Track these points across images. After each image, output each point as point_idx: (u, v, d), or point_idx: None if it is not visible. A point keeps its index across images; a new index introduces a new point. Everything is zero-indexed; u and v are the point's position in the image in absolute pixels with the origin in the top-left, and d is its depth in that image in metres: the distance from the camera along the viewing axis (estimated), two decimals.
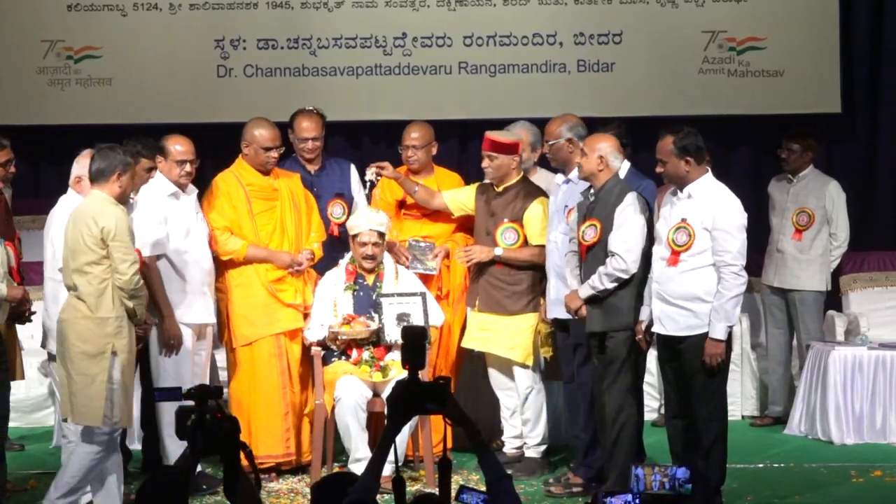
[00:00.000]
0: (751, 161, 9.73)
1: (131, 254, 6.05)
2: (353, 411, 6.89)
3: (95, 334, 6.00)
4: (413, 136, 7.61)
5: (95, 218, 5.99)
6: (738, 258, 6.18)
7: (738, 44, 9.55)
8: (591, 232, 6.47)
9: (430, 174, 7.71)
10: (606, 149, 6.49)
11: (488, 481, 3.83)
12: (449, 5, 9.53)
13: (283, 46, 9.48)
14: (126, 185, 6.14)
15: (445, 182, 7.72)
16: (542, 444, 7.28)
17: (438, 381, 3.81)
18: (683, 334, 6.22)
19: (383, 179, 7.66)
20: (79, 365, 6.00)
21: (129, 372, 6.15)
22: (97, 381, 5.98)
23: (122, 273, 6.00)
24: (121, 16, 9.46)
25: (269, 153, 7.29)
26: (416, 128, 7.67)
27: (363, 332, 7.10)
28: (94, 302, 6.00)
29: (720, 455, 6.29)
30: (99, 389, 5.99)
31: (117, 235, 5.97)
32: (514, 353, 7.21)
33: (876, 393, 8.08)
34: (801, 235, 8.45)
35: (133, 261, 6.05)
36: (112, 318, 6.02)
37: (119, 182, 6.08)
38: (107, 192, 6.07)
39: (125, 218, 6.07)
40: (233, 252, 7.21)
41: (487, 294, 7.24)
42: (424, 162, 7.65)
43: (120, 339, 6.03)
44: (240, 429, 3.75)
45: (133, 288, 6.04)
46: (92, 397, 5.99)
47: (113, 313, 6.02)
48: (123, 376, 6.05)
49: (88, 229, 5.98)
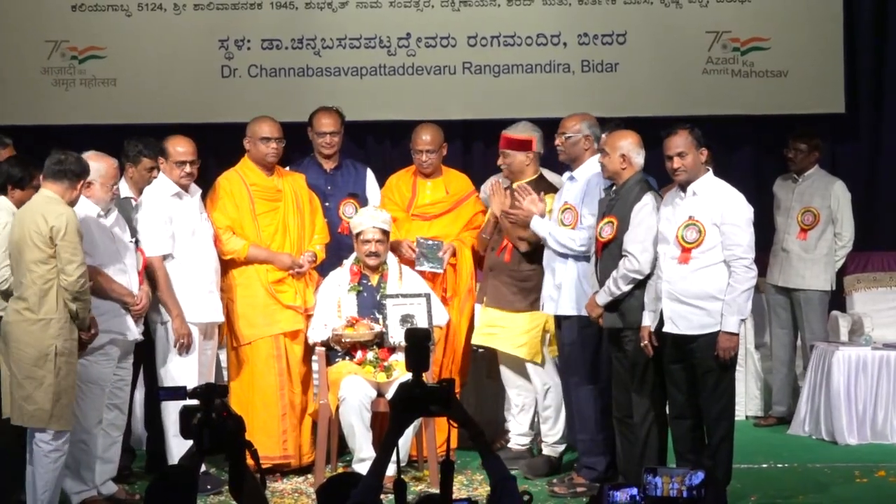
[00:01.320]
0: (754, 161, 9.72)
1: (79, 255, 5.98)
2: (357, 411, 6.90)
3: (38, 337, 5.95)
4: (425, 140, 7.61)
5: (45, 216, 5.94)
6: (748, 251, 6.20)
7: (742, 44, 9.54)
8: (608, 229, 6.48)
9: (438, 175, 7.72)
10: (628, 146, 6.50)
11: (493, 482, 3.83)
12: (453, 6, 9.53)
13: (287, 47, 9.48)
14: (78, 190, 6.11)
15: (453, 183, 7.73)
16: (560, 442, 7.27)
17: (442, 384, 3.81)
18: (696, 333, 6.22)
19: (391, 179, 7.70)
20: (24, 368, 5.96)
21: (73, 374, 6.06)
22: (44, 383, 5.94)
23: (68, 274, 5.94)
24: (125, 16, 9.45)
25: (268, 144, 7.29)
26: (428, 131, 7.67)
27: (367, 334, 7.10)
28: (36, 302, 5.95)
29: (727, 455, 6.30)
30: (46, 392, 5.94)
31: (66, 235, 5.92)
32: (522, 351, 7.22)
33: (879, 393, 8.09)
34: (807, 235, 8.45)
35: (80, 262, 5.98)
36: (55, 320, 5.97)
37: (71, 186, 6.06)
38: (58, 193, 6.02)
39: (75, 219, 6.01)
40: (234, 252, 7.22)
41: (496, 289, 7.26)
42: (437, 165, 7.67)
43: (62, 341, 5.98)
44: (245, 428, 3.75)
45: (78, 290, 5.97)
46: (39, 400, 5.95)
47: (56, 314, 5.97)
48: (68, 378, 5.99)
49: (37, 227, 5.93)
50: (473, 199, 7.74)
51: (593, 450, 6.84)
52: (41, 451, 6.02)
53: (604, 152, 6.56)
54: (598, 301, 6.49)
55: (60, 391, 5.98)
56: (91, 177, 6.38)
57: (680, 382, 6.35)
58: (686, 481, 3.86)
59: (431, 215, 7.64)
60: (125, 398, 6.76)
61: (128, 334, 6.61)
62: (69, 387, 6.05)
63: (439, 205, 7.67)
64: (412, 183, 7.72)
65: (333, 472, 7.02)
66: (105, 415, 6.62)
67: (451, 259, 7.52)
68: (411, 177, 7.74)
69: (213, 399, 3.70)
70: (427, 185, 7.70)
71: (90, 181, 6.45)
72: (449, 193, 7.68)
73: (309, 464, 7.26)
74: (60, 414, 6.00)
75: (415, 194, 7.68)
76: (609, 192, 6.60)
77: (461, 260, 7.53)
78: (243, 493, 3.73)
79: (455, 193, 7.69)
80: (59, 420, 6.00)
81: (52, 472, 6.04)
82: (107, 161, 6.56)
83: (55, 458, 6.04)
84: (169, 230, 6.93)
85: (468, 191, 7.75)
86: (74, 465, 6.46)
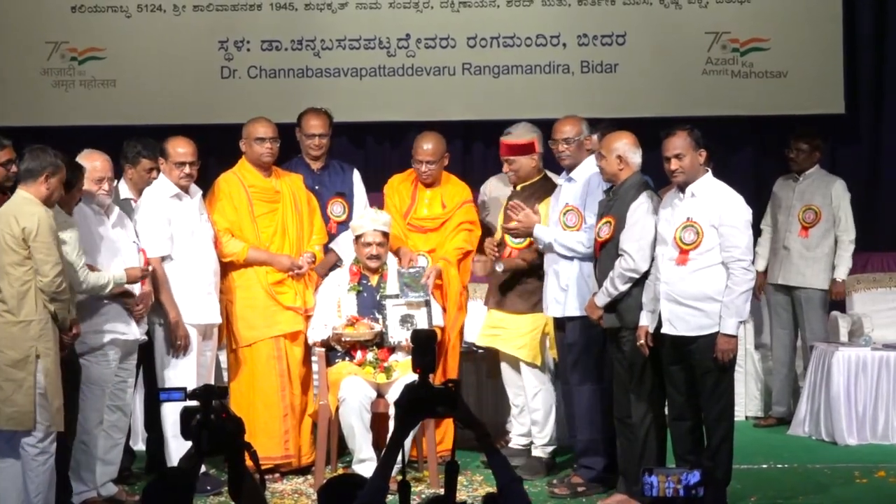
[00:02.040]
0: (754, 162, 9.73)
1: (53, 255, 5.90)
2: (357, 412, 6.89)
3: (19, 339, 5.89)
4: (426, 150, 7.51)
5: (17, 217, 5.88)
6: (746, 253, 6.19)
7: (742, 45, 9.55)
8: (605, 229, 6.49)
9: (438, 185, 7.65)
10: (624, 147, 6.49)
11: (499, 484, 3.82)
12: (452, 6, 9.53)
13: (286, 48, 9.49)
14: (54, 187, 6.00)
15: (449, 194, 7.61)
16: (549, 444, 7.28)
17: (448, 384, 3.80)
18: (694, 334, 6.21)
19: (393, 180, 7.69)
20: (4, 371, 5.89)
21: (57, 376, 5.98)
22: (24, 386, 5.87)
23: (43, 275, 5.88)
24: (125, 17, 9.46)
25: (263, 144, 7.28)
26: (430, 140, 7.56)
27: (367, 333, 7.11)
28: (15, 304, 5.89)
29: (727, 455, 6.30)
30: (27, 395, 5.87)
31: (39, 236, 5.86)
32: (523, 353, 7.22)
33: (879, 394, 8.08)
34: (808, 233, 8.45)
35: (55, 262, 5.90)
36: (35, 322, 5.90)
37: (47, 184, 5.96)
38: (32, 193, 5.95)
39: (48, 219, 5.92)
40: (233, 254, 7.21)
41: (498, 292, 7.26)
42: (437, 176, 7.60)
43: (44, 343, 5.91)
44: (244, 429, 3.75)
45: (55, 290, 5.90)
46: (21, 403, 5.88)
47: (36, 316, 5.91)
48: (51, 379, 5.92)
49: (10, 229, 5.88)
50: (466, 209, 7.64)
51: (593, 450, 6.84)
52: (28, 454, 5.94)
53: (600, 155, 6.55)
54: (598, 302, 6.50)
55: (46, 393, 5.90)
56: None
57: (679, 383, 6.34)
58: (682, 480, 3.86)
59: (428, 229, 7.59)
60: (127, 400, 6.74)
61: (129, 335, 6.59)
62: (56, 388, 5.96)
63: (437, 220, 7.60)
64: (412, 191, 7.63)
65: (333, 473, 7.03)
66: (107, 416, 6.60)
67: (438, 280, 7.43)
68: (411, 184, 7.66)
69: (212, 401, 3.70)
70: (426, 194, 7.62)
71: None
72: (445, 208, 7.61)
73: (308, 464, 7.26)
74: (47, 415, 5.92)
75: (414, 202, 7.61)
76: (608, 192, 6.61)
77: (447, 279, 7.47)
78: (242, 495, 3.73)
79: (451, 208, 7.61)
80: (45, 422, 5.91)
81: (42, 474, 5.96)
82: (92, 157, 6.52)
83: (43, 460, 5.95)
84: (167, 231, 6.92)
85: (462, 200, 7.67)
86: (75, 465, 6.45)
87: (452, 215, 7.58)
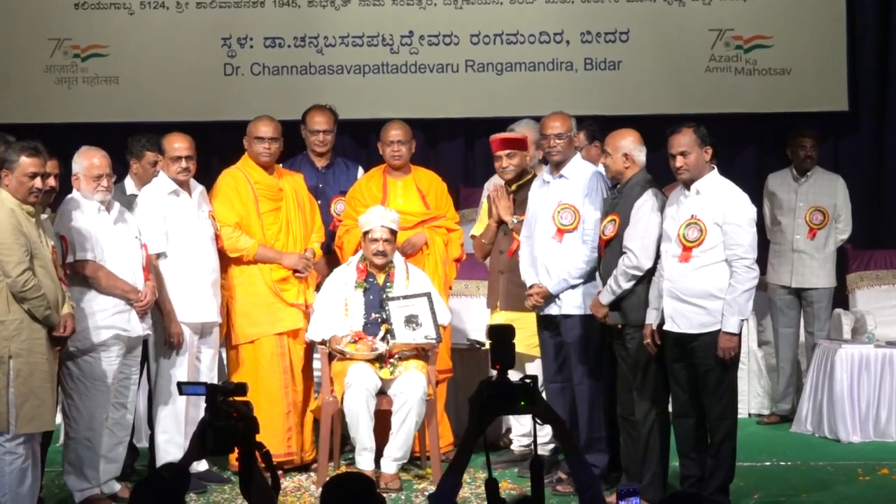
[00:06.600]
0: (758, 159, 9.72)
1: (15, 254, 5.82)
2: (363, 397, 6.87)
3: None
4: (396, 133, 7.56)
5: None
6: (749, 251, 6.18)
7: (745, 42, 9.55)
8: (610, 227, 6.49)
9: (408, 173, 7.66)
10: (629, 145, 6.49)
11: (578, 487, 3.78)
12: (456, 4, 9.53)
13: (290, 45, 9.49)
14: (13, 186, 5.89)
15: (423, 180, 7.65)
16: (551, 442, 7.27)
17: (525, 380, 3.76)
18: (696, 332, 6.21)
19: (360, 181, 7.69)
20: None
21: (41, 375, 5.92)
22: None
23: (6, 274, 5.82)
24: (128, 14, 9.47)
25: (261, 144, 7.28)
26: (398, 125, 7.64)
27: (366, 354, 7.04)
28: None
29: (730, 452, 6.30)
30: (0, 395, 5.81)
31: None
32: (538, 350, 7.19)
33: (882, 391, 8.09)
34: (816, 234, 8.46)
35: (17, 262, 5.82)
36: (7, 321, 5.84)
37: (6, 181, 5.90)
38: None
39: (8, 218, 5.84)
40: (243, 250, 7.20)
41: (509, 292, 7.22)
42: (407, 158, 7.63)
43: (17, 343, 5.84)
44: (257, 429, 3.74)
45: (20, 289, 5.83)
46: None
47: (9, 316, 5.85)
48: (23, 380, 5.84)
49: None
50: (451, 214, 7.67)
51: (595, 447, 6.83)
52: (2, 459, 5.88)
53: (606, 153, 6.55)
54: (602, 300, 6.49)
55: (24, 393, 5.83)
56: (75, 170, 6.42)
57: (682, 381, 6.34)
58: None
59: (416, 223, 7.55)
60: (132, 397, 6.73)
61: (131, 330, 6.57)
62: (36, 388, 5.88)
63: (417, 215, 7.56)
64: (382, 182, 7.63)
65: (336, 469, 7.03)
66: (112, 414, 6.59)
67: (425, 248, 7.48)
68: (381, 176, 7.66)
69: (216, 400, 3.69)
70: (398, 184, 7.62)
71: (75, 174, 6.44)
72: (422, 192, 7.61)
73: (309, 462, 7.26)
74: (23, 416, 5.84)
75: (385, 194, 7.59)
76: (613, 190, 6.60)
77: (433, 246, 7.51)
78: (252, 494, 3.73)
79: (430, 195, 7.60)
80: (21, 423, 5.84)
81: (8, 474, 5.88)
82: (91, 153, 6.50)
83: (10, 460, 5.88)
84: (163, 228, 6.90)
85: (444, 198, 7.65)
86: (78, 462, 6.45)
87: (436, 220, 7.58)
